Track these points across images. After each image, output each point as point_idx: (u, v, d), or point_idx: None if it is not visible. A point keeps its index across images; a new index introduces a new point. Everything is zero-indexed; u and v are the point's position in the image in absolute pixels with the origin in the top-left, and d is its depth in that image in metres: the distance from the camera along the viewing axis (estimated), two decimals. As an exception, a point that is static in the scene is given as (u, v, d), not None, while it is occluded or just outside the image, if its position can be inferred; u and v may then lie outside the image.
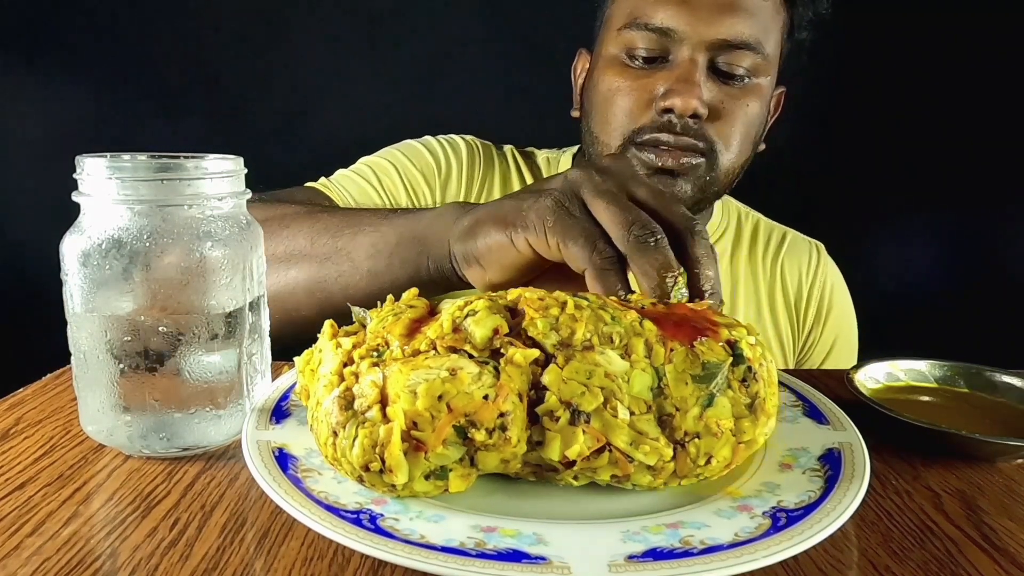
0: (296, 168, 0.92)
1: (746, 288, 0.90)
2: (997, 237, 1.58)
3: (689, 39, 0.73)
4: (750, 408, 0.36)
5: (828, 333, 0.93)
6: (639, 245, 0.42)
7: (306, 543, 0.34)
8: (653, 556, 0.30)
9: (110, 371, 0.41)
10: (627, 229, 0.42)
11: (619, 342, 0.36)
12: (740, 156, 0.79)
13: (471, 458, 0.35)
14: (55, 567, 0.32)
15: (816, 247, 0.96)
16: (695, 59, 0.73)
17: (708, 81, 0.74)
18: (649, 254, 0.41)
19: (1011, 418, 0.50)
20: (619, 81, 0.77)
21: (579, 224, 0.44)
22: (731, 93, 0.76)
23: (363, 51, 1.49)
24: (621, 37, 0.77)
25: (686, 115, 0.73)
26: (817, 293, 0.92)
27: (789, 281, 0.92)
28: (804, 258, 0.93)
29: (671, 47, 0.74)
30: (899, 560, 0.34)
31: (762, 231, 0.95)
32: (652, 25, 0.74)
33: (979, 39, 1.45)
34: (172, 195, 0.40)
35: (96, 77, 1.47)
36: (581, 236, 0.43)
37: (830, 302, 0.93)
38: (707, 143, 0.75)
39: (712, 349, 0.36)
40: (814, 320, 0.93)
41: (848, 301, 0.96)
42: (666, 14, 0.73)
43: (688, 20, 0.73)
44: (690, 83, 0.73)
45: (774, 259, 0.93)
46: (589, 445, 0.35)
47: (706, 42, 0.73)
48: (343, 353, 0.37)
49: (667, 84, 0.74)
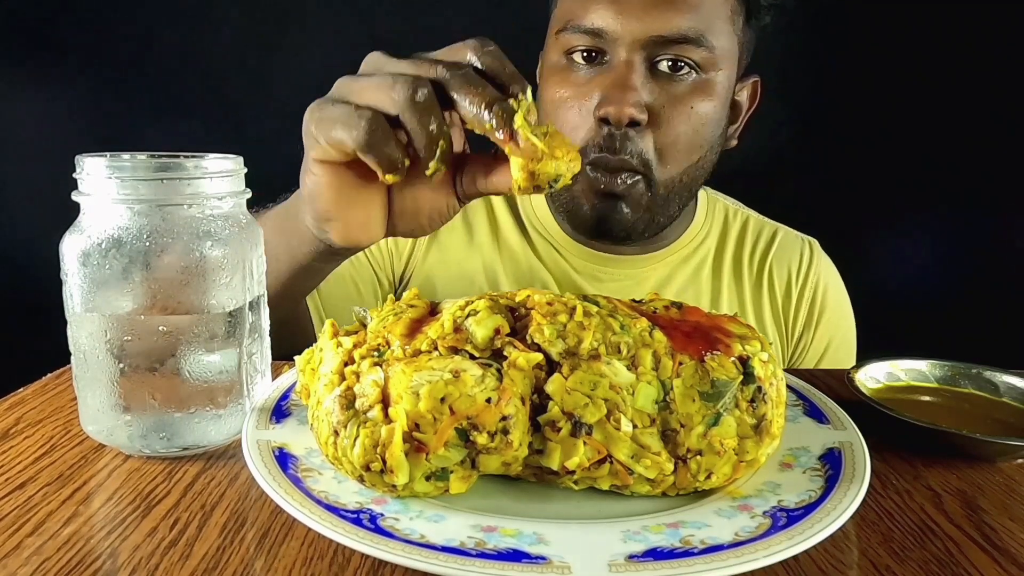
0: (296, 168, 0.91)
1: (729, 296, 0.86)
2: (997, 237, 1.58)
3: (623, 39, 0.68)
4: (756, 429, 0.36)
5: (820, 337, 0.88)
6: (456, 83, 0.39)
7: (306, 543, 0.34)
8: (653, 556, 0.30)
9: (110, 371, 0.41)
10: (436, 72, 0.39)
11: (627, 352, 0.35)
12: (685, 162, 0.73)
13: (472, 460, 0.35)
14: (55, 567, 0.32)
15: (809, 244, 0.91)
16: (631, 60, 0.69)
17: (649, 82, 0.69)
18: (466, 90, 0.38)
19: (1011, 418, 0.50)
20: (561, 90, 0.73)
21: (329, 103, 0.42)
22: (675, 93, 0.70)
23: (363, 51, 1.49)
24: (559, 41, 0.73)
25: (622, 124, 0.68)
26: (808, 295, 0.87)
27: (777, 283, 0.87)
28: (795, 258, 0.88)
29: (607, 49, 0.70)
30: (899, 560, 0.34)
31: (751, 229, 0.90)
32: (584, 27, 0.70)
33: (979, 39, 1.45)
34: (172, 195, 0.40)
35: (96, 77, 1.47)
36: (334, 109, 0.41)
37: (822, 304, 0.88)
38: (640, 159, 0.70)
39: (723, 365, 0.35)
40: (804, 324, 0.88)
41: (844, 302, 0.91)
42: (597, 14, 0.69)
43: (620, 19, 0.68)
44: (624, 88, 0.68)
45: (762, 260, 0.88)
46: (589, 457, 0.35)
47: (640, 40, 0.68)
48: (344, 352, 0.37)
49: (603, 90, 0.69)
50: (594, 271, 0.83)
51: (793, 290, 0.87)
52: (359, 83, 0.41)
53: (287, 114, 1.73)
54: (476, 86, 0.39)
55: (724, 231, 0.89)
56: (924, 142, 1.51)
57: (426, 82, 0.39)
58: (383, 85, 0.40)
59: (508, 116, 0.38)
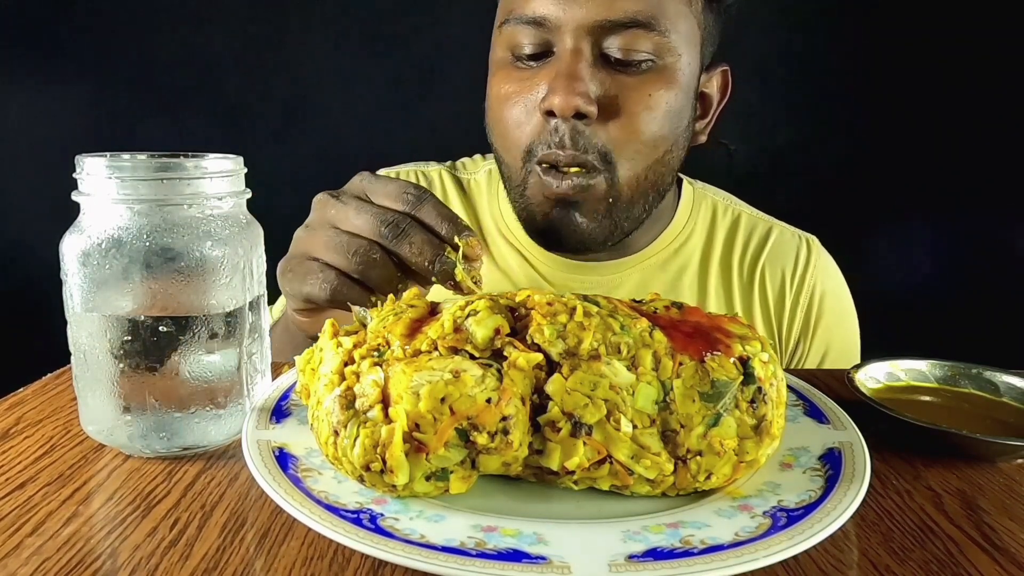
0: (296, 168, 0.92)
1: (717, 303, 0.80)
2: (997, 237, 1.58)
3: (566, 26, 0.63)
4: (756, 430, 0.36)
5: (817, 345, 0.81)
6: (395, 241, 0.46)
7: (306, 543, 0.34)
8: (653, 556, 0.30)
9: (110, 371, 0.41)
10: (375, 235, 0.47)
11: (627, 353, 0.35)
12: (648, 157, 0.67)
13: (472, 460, 0.35)
14: (55, 567, 0.32)
15: (807, 243, 0.84)
16: (578, 49, 0.63)
17: (599, 72, 0.64)
18: (407, 248, 0.46)
19: (1011, 418, 0.50)
20: (506, 86, 0.68)
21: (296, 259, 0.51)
22: (629, 83, 0.64)
23: (363, 51, 1.49)
24: (502, 35, 0.68)
25: (568, 115, 0.63)
26: (804, 301, 0.81)
27: (770, 288, 0.80)
28: (790, 260, 0.81)
29: (552, 39, 0.65)
30: (899, 560, 0.34)
31: (743, 226, 0.83)
32: (526, 17, 0.65)
33: (980, 39, 1.45)
34: (172, 194, 0.40)
35: (96, 77, 1.47)
36: (301, 268, 0.50)
37: (819, 310, 0.81)
38: (598, 153, 0.64)
39: (723, 366, 0.35)
40: (800, 332, 0.81)
41: (844, 304, 0.84)
42: (538, 2, 0.64)
43: (562, 5, 0.63)
44: (571, 78, 0.62)
45: (753, 261, 0.81)
46: (589, 457, 0.35)
47: (586, 26, 0.63)
48: (344, 352, 0.37)
49: (548, 82, 0.64)
50: (563, 279, 0.78)
51: (787, 296, 0.81)
52: (319, 240, 0.49)
53: (287, 114, 1.73)
54: (417, 246, 0.46)
55: (711, 230, 0.83)
56: (924, 142, 1.51)
57: (375, 246, 0.48)
58: (339, 248, 0.48)
59: (449, 272, 0.46)
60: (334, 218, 0.49)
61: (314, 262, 0.50)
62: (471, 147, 0.95)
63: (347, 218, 0.49)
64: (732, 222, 0.84)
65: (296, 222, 0.53)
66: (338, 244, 0.48)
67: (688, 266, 0.80)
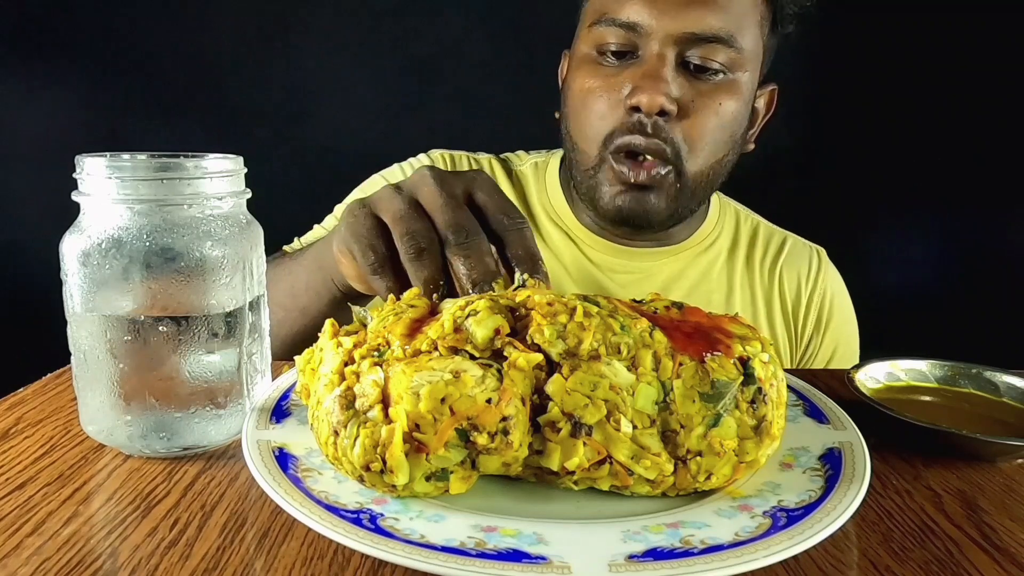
0: (295, 168, 0.92)
1: (742, 294, 0.88)
2: (997, 237, 1.59)
3: (656, 33, 0.71)
4: (756, 430, 0.36)
5: (828, 342, 0.90)
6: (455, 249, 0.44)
7: (306, 543, 0.34)
8: (653, 556, 0.30)
9: (110, 371, 0.41)
10: (444, 231, 0.45)
11: (627, 353, 0.35)
12: (711, 157, 0.76)
13: (472, 460, 0.35)
14: (55, 567, 0.32)
15: (817, 253, 0.93)
16: (663, 54, 0.71)
17: (679, 77, 0.72)
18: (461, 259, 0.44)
19: (1011, 418, 0.50)
20: (590, 81, 0.75)
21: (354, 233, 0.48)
22: (703, 90, 0.73)
23: (363, 52, 1.49)
24: (591, 34, 0.76)
25: (653, 112, 0.71)
26: (817, 301, 0.90)
27: (788, 288, 0.89)
28: (804, 265, 0.91)
29: (639, 43, 0.73)
30: (899, 560, 0.34)
31: (761, 235, 0.92)
32: (619, 20, 0.73)
33: (979, 39, 1.45)
34: (172, 194, 0.40)
35: (96, 77, 1.47)
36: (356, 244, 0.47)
37: (830, 311, 0.90)
38: (673, 148, 0.73)
39: (723, 366, 0.35)
40: (813, 329, 0.90)
41: (849, 309, 0.93)
42: (632, 9, 0.72)
43: (654, 14, 0.71)
44: (656, 79, 0.71)
45: (772, 265, 0.90)
46: (589, 457, 0.35)
47: (674, 36, 0.71)
48: (344, 352, 0.37)
49: (634, 81, 0.72)
50: (608, 262, 0.85)
51: (803, 297, 0.89)
52: (394, 206, 0.47)
53: (287, 114, 1.73)
54: (470, 263, 0.44)
55: (736, 234, 0.92)
56: (924, 143, 1.51)
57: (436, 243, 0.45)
58: (404, 224, 0.45)
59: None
60: (425, 196, 0.47)
61: (376, 221, 0.47)
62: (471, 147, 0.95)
63: (435, 206, 0.46)
64: (752, 229, 0.93)
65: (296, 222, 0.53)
66: (405, 220, 0.46)
67: (717, 261, 0.89)
